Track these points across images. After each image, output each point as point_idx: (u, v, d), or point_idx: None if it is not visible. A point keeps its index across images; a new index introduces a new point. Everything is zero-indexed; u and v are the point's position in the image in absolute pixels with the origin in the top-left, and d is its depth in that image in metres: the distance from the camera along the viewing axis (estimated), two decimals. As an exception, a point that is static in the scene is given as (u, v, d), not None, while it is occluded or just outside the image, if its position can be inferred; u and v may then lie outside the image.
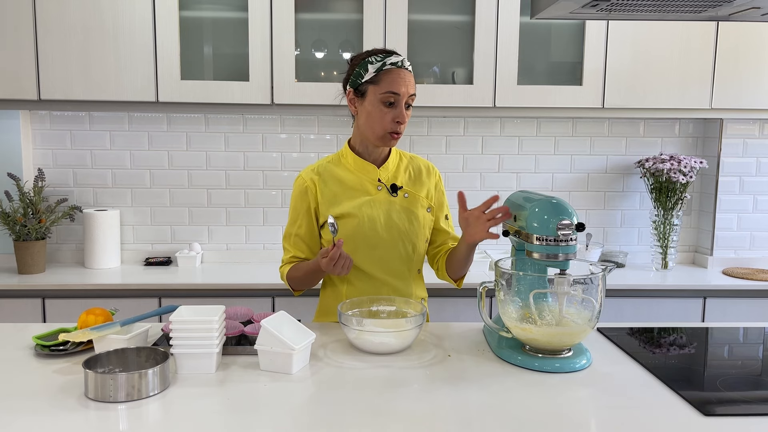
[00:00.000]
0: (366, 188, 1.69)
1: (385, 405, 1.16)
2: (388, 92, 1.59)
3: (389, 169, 1.72)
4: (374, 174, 1.69)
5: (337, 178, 1.70)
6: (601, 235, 2.96)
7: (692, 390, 1.25)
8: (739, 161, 2.84)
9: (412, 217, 1.69)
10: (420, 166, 1.77)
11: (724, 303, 2.55)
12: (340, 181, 1.69)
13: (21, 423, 1.08)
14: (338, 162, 1.73)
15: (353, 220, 1.65)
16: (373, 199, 1.68)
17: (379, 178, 1.69)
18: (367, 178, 1.69)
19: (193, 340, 1.29)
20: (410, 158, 1.78)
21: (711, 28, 2.58)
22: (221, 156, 2.84)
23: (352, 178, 1.69)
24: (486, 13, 2.53)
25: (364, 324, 1.42)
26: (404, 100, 1.61)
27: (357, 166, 1.70)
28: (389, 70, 1.60)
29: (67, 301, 2.42)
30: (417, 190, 1.72)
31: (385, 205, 1.68)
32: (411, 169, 1.76)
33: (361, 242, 1.66)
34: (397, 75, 1.60)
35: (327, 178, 1.69)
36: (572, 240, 1.37)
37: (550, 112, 2.62)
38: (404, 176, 1.73)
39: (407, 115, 1.63)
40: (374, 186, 1.69)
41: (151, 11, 2.46)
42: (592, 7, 1.40)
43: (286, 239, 1.74)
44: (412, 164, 1.77)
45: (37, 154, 2.79)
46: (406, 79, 1.61)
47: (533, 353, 1.38)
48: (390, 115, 1.60)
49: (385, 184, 1.69)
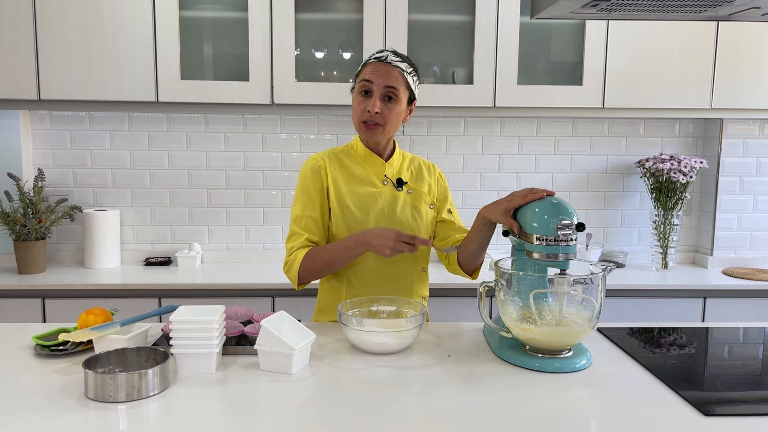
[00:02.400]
0: (372, 181, 1.70)
1: (385, 405, 1.16)
2: (362, 80, 1.62)
3: (394, 166, 1.73)
4: (381, 168, 1.71)
5: (346, 167, 1.70)
6: (601, 235, 2.96)
7: (692, 390, 1.25)
8: (739, 161, 2.84)
9: (415, 212, 1.70)
10: (420, 164, 1.79)
11: (724, 303, 2.55)
12: (349, 171, 1.70)
13: (21, 423, 1.07)
14: (348, 152, 1.73)
15: (359, 211, 1.65)
16: (379, 192, 1.69)
17: (385, 174, 1.71)
18: (374, 171, 1.70)
19: (193, 340, 1.29)
20: (412, 158, 1.80)
21: (711, 28, 2.58)
22: (221, 156, 2.84)
23: (359, 170, 1.70)
24: (486, 13, 2.53)
25: (364, 324, 1.42)
26: (380, 92, 1.61)
27: (366, 158, 1.71)
28: (370, 63, 1.64)
29: (67, 301, 2.42)
30: (419, 187, 1.74)
31: (390, 200, 1.69)
32: (413, 167, 1.78)
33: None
34: (374, 66, 1.62)
35: (336, 165, 1.70)
36: (572, 240, 1.37)
37: (550, 112, 2.62)
38: (407, 174, 1.75)
39: (386, 108, 1.61)
40: (380, 180, 1.70)
41: (151, 11, 2.46)
42: (592, 7, 1.40)
43: (296, 223, 1.66)
44: (413, 163, 1.79)
45: (37, 154, 2.79)
46: (385, 70, 1.61)
47: (533, 353, 1.37)
48: (363, 104, 1.62)
49: (390, 179, 1.71)
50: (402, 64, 1.64)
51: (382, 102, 1.61)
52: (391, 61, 1.63)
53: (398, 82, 1.62)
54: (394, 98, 1.62)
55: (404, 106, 1.66)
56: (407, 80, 1.64)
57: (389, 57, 1.64)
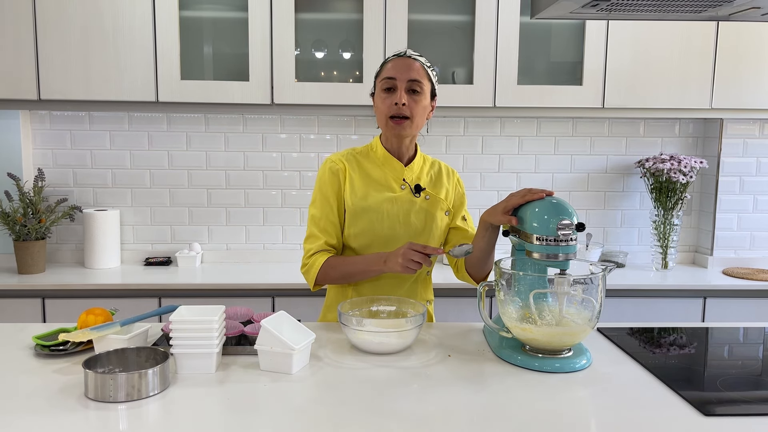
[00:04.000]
0: (390, 185, 1.68)
1: (385, 405, 1.16)
2: (385, 78, 1.63)
3: (414, 170, 1.71)
4: (400, 172, 1.70)
5: (364, 169, 1.69)
6: (601, 235, 2.96)
7: (692, 390, 1.25)
8: (739, 161, 2.84)
9: (429, 219, 1.69)
10: (440, 168, 1.77)
11: (724, 303, 2.55)
12: (367, 174, 1.69)
13: (21, 423, 1.07)
14: (366, 154, 1.73)
15: (373, 215, 1.65)
16: (396, 197, 1.67)
17: (404, 178, 1.69)
18: (393, 176, 1.69)
19: (193, 340, 1.29)
20: (432, 162, 1.79)
21: (711, 28, 2.58)
22: (221, 156, 2.84)
23: (378, 173, 1.69)
24: (486, 13, 2.53)
25: (364, 324, 1.42)
26: (404, 86, 1.61)
27: (385, 161, 1.70)
28: (390, 60, 1.66)
29: (67, 301, 2.42)
30: (437, 192, 1.72)
31: (406, 205, 1.67)
32: (433, 171, 1.76)
33: (376, 238, 1.65)
34: (395, 62, 1.63)
35: (355, 167, 1.69)
36: (572, 240, 1.37)
37: (550, 112, 2.62)
38: (426, 179, 1.73)
39: (412, 101, 1.61)
40: (398, 184, 1.69)
41: (151, 11, 2.46)
42: (592, 7, 1.40)
43: (315, 224, 1.67)
44: (433, 167, 1.77)
45: (37, 154, 2.79)
46: (406, 64, 1.62)
47: (533, 353, 1.37)
48: (389, 99, 1.62)
49: (409, 184, 1.69)
50: (421, 59, 1.66)
51: (408, 95, 1.62)
52: (411, 55, 1.65)
53: (421, 75, 1.63)
54: (419, 91, 1.62)
55: (428, 100, 1.67)
56: (429, 73, 1.65)
57: (408, 52, 1.66)
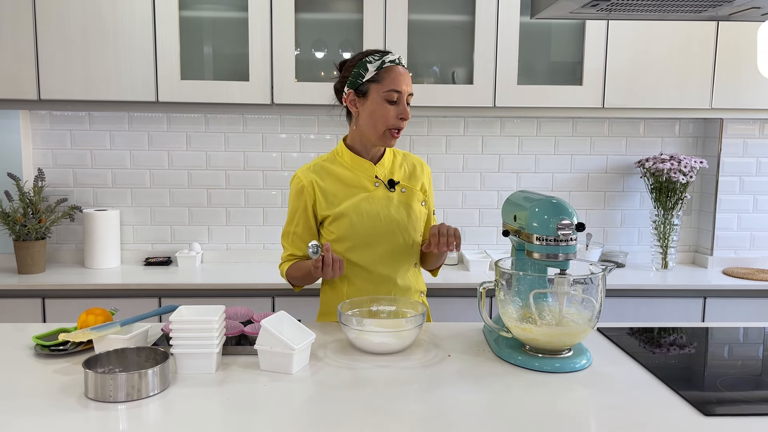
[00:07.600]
0: (364, 185, 1.71)
1: (385, 405, 1.16)
2: (391, 90, 1.63)
3: (385, 166, 1.75)
4: (371, 171, 1.72)
5: (335, 176, 1.71)
6: (601, 235, 2.96)
7: (692, 390, 1.25)
8: (739, 161, 2.84)
9: (410, 210, 1.72)
10: (413, 162, 1.81)
11: (724, 303, 2.55)
12: (338, 179, 1.71)
13: (21, 423, 1.07)
14: (334, 160, 1.75)
15: (353, 217, 1.66)
16: (371, 195, 1.70)
17: (376, 175, 1.71)
18: (365, 175, 1.71)
19: (193, 340, 1.29)
20: (404, 155, 1.82)
21: (711, 28, 2.58)
22: (221, 156, 2.84)
23: (349, 176, 1.71)
24: (486, 13, 2.53)
25: (364, 324, 1.42)
26: (404, 98, 1.65)
27: (354, 164, 1.72)
28: (389, 68, 1.64)
29: (67, 301, 2.42)
30: (413, 185, 1.76)
31: (384, 201, 1.70)
32: (406, 164, 1.79)
33: (361, 239, 1.67)
34: (397, 73, 1.64)
35: (324, 176, 1.71)
36: (572, 240, 1.37)
37: (550, 112, 2.62)
38: (400, 172, 1.76)
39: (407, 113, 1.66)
40: (372, 182, 1.71)
41: (151, 11, 2.46)
42: (592, 7, 1.40)
43: (284, 237, 1.76)
44: (406, 160, 1.80)
45: (37, 154, 2.79)
46: (406, 77, 1.66)
47: (533, 353, 1.37)
48: (393, 111, 1.64)
49: (382, 180, 1.71)
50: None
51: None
52: (405, 65, 1.69)
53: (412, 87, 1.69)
54: (410, 103, 1.69)
55: None
56: None
57: (401, 58, 1.68)
